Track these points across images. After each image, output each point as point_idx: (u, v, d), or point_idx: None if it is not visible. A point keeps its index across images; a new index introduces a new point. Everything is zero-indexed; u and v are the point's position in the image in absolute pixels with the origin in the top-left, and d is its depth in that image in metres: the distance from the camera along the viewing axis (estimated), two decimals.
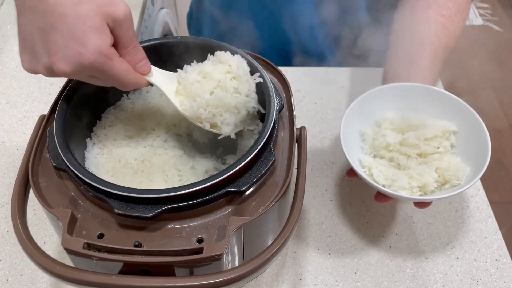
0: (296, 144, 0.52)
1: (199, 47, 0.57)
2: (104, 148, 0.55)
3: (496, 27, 2.54)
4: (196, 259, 0.41)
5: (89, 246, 0.41)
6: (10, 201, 0.67)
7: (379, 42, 0.79)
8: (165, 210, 0.42)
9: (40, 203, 0.45)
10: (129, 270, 0.41)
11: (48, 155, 0.48)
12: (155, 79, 0.51)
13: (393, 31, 0.75)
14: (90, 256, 0.41)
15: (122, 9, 0.45)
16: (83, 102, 0.53)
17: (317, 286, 0.60)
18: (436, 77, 0.69)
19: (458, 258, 0.63)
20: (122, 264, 0.41)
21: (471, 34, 2.48)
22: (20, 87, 0.85)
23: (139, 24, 1.02)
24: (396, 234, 0.65)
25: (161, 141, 0.57)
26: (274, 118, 0.49)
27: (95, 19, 0.42)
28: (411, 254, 0.63)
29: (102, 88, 0.55)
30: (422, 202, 0.60)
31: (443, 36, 0.71)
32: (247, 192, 0.46)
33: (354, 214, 0.67)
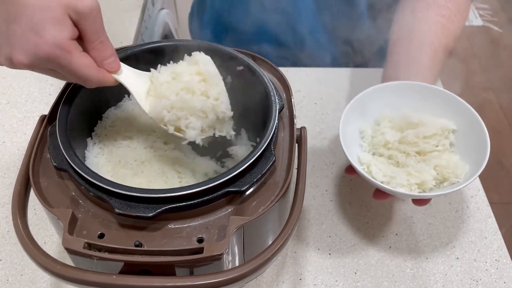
0: (296, 144, 0.52)
1: (193, 49, 0.57)
2: (104, 148, 0.55)
3: (496, 28, 2.54)
4: (196, 259, 0.41)
5: (89, 246, 0.41)
6: (10, 201, 0.67)
7: (380, 42, 0.79)
8: (165, 210, 0.43)
9: (41, 203, 0.45)
10: (129, 269, 0.42)
11: (48, 155, 0.48)
12: (124, 78, 0.49)
13: (393, 31, 0.75)
14: (90, 256, 0.41)
15: (87, 2, 0.43)
16: (85, 102, 0.53)
17: (317, 286, 0.60)
18: (436, 76, 0.70)
19: (458, 258, 0.63)
20: (122, 263, 0.41)
21: (471, 35, 2.48)
22: (20, 88, 0.85)
23: (139, 24, 1.03)
24: (396, 234, 0.65)
25: (161, 142, 0.58)
26: (275, 120, 0.49)
27: (56, 11, 0.41)
28: (411, 254, 0.63)
29: (103, 89, 0.55)
30: (420, 200, 0.60)
31: (443, 36, 0.71)
32: (247, 192, 0.46)
33: (354, 214, 0.67)
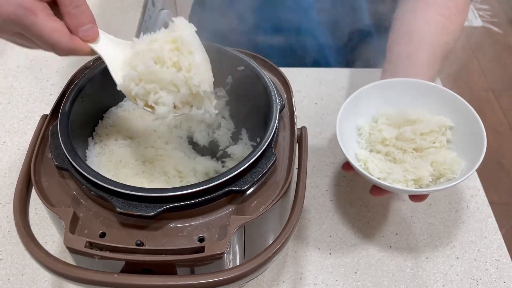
0: (297, 144, 0.52)
1: None
2: (105, 148, 0.55)
3: (495, 29, 2.54)
4: (197, 258, 0.41)
5: (91, 245, 0.41)
6: (11, 200, 0.67)
7: (380, 42, 0.79)
8: (166, 209, 0.43)
9: (42, 202, 0.45)
10: (131, 268, 0.42)
11: (50, 155, 0.48)
12: (100, 48, 0.45)
13: (392, 30, 0.76)
14: (92, 255, 0.41)
15: None
16: (86, 102, 0.53)
17: (317, 285, 0.60)
18: (434, 75, 0.70)
19: (458, 258, 0.63)
20: (124, 262, 0.42)
21: (471, 36, 2.49)
22: (21, 88, 0.86)
23: (139, 25, 1.03)
24: (396, 234, 0.65)
25: (162, 142, 0.58)
26: (276, 120, 0.49)
27: None
28: (411, 254, 0.63)
29: (105, 88, 0.55)
30: (417, 196, 0.60)
31: (442, 35, 0.71)
32: (248, 192, 0.47)
33: (355, 214, 0.67)
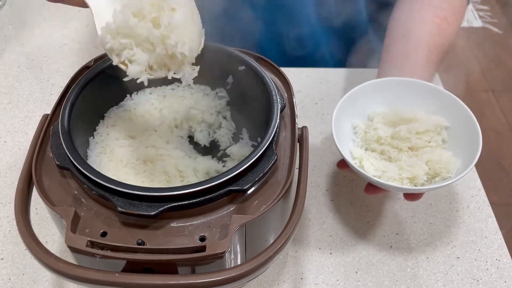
0: (298, 144, 0.53)
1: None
2: (106, 147, 0.55)
3: (495, 29, 2.54)
4: (198, 257, 0.41)
5: (92, 244, 0.41)
6: (12, 200, 0.67)
7: (380, 43, 0.79)
8: (168, 208, 0.43)
9: (44, 201, 0.45)
10: (132, 268, 0.42)
11: (51, 154, 0.48)
12: None
13: (389, 30, 0.76)
14: (93, 254, 0.41)
15: None
16: (87, 102, 0.53)
17: (318, 285, 0.60)
18: (430, 76, 0.70)
19: (458, 257, 0.63)
20: (125, 262, 0.42)
21: (471, 36, 2.49)
22: (22, 87, 0.86)
23: None
24: (397, 234, 0.65)
25: (163, 142, 0.58)
26: (277, 119, 0.50)
27: None
28: (412, 253, 0.63)
29: (105, 88, 0.56)
30: (412, 195, 0.60)
31: (438, 36, 0.72)
32: (249, 191, 0.47)
33: (355, 214, 0.67)
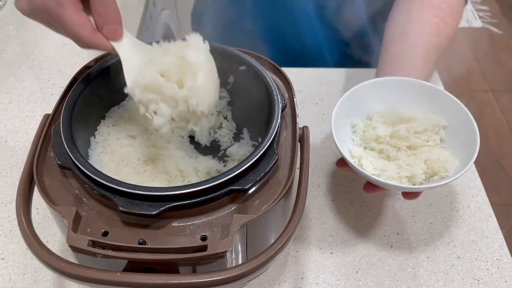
0: (299, 144, 0.53)
1: None
2: (107, 147, 0.55)
3: (495, 30, 2.54)
4: (200, 256, 0.41)
5: (93, 244, 0.41)
6: (13, 200, 0.67)
7: (380, 43, 0.79)
8: (169, 208, 0.43)
9: (45, 201, 0.45)
10: (133, 267, 0.42)
11: (52, 154, 0.48)
12: (120, 47, 0.47)
13: (387, 30, 0.76)
14: (94, 254, 0.41)
15: None
16: (88, 101, 0.53)
17: (319, 285, 0.60)
18: (428, 75, 0.70)
19: (459, 257, 0.63)
20: (126, 261, 0.42)
21: (471, 36, 2.49)
22: (22, 87, 0.86)
23: (140, 25, 1.03)
24: (398, 234, 0.65)
25: (164, 142, 0.58)
26: (278, 119, 0.50)
27: None
28: (412, 253, 0.63)
29: (106, 88, 0.56)
30: (410, 193, 0.60)
31: (436, 36, 0.72)
32: (250, 191, 0.47)
33: (356, 214, 0.67)
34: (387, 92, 0.65)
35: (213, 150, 0.60)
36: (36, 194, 0.47)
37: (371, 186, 0.60)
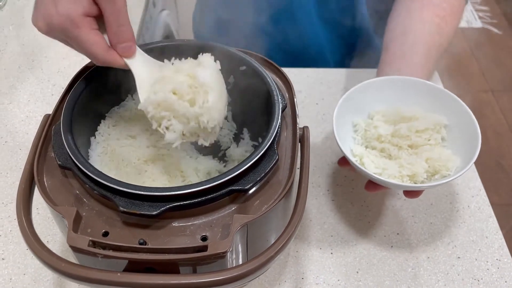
0: (299, 144, 0.53)
1: (196, 49, 0.57)
2: (107, 147, 0.55)
3: (495, 30, 2.55)
4: (200, 256, 0.41)
5: (94, 244, 0.41)
6: (13, 200, 0.67)
7: (381, 43, 0.79)
8: (169, 208, 0.43)
9: (45, 201, 0.45)
10: (134, 267, 0.42)
11: (53, 154, 0.48)
12: (133, 64, 0.49)
13: (388, 29, 0.76)
14: (95, 254, 0.41)
15: None
16: (88, 102, 0.53)
17: (319, 285, 0.60)
18: (429, 74, 0.70)
19: (459, 257, 0.63)
20: (127, 261, 0.42)
21: (471, 37, 2.49)
22: (22, 88, 0.86)
23: (140, 25, 1.03)
24: (398, 234, 0.65)
25: (164, 142, 0.58)
26: (278, 119, 0.50)
27: None
28: (412, 253, 0.63)
29: (107, 88, 0.56)
30: (412, 192, 0.60)
31: (437, 35, 0.72)
32: (250, 191, 0.47)
33: (356, 214, 0.67)
34: (388, 91, 0.65)
35: (213, 150, 0.60)
36: (37, 194, 0.47)
37: (373, 184, 0.60)
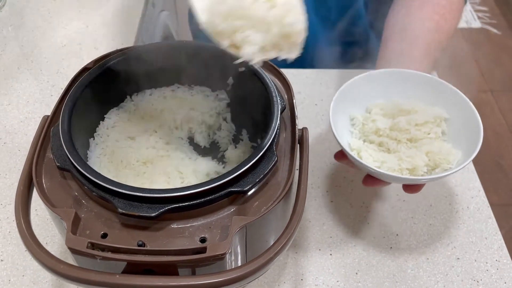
0: (298, 145, 0.53)
1: (195, 50, 0.57)
2: (106, 149, 0.55)
3: (494, 30, 2.55)
4: (199, 258, 0.41)
5: (92, 246, 0.41)
6: (12, 202, 0.67)
7: (379, 44, 0.79)
8: (168, 209, 0.43)
9: (44, 202, 0.45)
10: (132, 269, 0.42)
11: (51, 155, 0.48)
12: None
13: (386, 26, 0.76)
14: (94, 256, 0.41)
15: None
16: (87, 103, 0.53)
17: (318, 286, 0.60)
18: (428, 70, 0.69)
19: (458, 258, 0.63)
20: (125, 263, 0.42)
21: (470, 37, 2.49)
22: (21, 89, 0.86)
23: (139, 26, 1.03)
24: (397, 235, 0.65)
25: (163, 143, 0.58)
26: (277, 121, 0.50)
27: None
28: (412, 254, 0.63)
29: (106, 89, 0.56)
30: (412, 186, 0.58)
31: (436, 33, 0.71)
32: (249, 192, 0.47)
33: (355, 215, 0.67)
34: (386, 84, 0.64)
35: (212, 151, 0.60)
36: (35, 195, 0.47)
37: (371, 179, 0.58)
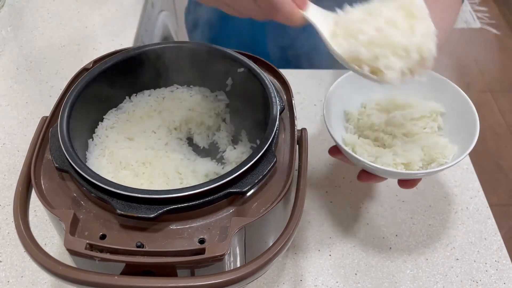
0: (297, 146, 0.52)
1: (195, 50, 0.57)
2: (105, 150, 0.55)
3: (493, 30, 2.55)
4: (198, 259, 0.41)
5: (91, 247, 0.41)
6: (11, 202, 0.67)
7: None
8: (167, 210, 0.43)
9: (43, 204, 0.45)
10: (131, 270, 0.42)
11: (50, 156, 0.48)
12: (312, 15, 0.45)
13: None
14: (92, 257, 0.41)
15: None
16: (86, 104, 0.53)
17: (317, 287, 0.60)
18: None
19: (458, 259, 0.63)
20: (124, 264, 0.41)
21: (469, 37, 2.49)
22: (20, 89, 0.86)
23: (139, 26, 1.03)
24: (396, 236, 0.65)
25: (162, 144, 0.58)
26: (277, 121, 0.50)
27: None
28: (411, 255, 0.63)
29: (105, 90, 0.56)
30: (407, 182, 0.58)
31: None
32: (248, 193, 0.46)
33: (354, 216, 0.67)
34: None
35: (211, 152, 0.60)
36: (34, 196, 0.47)
37: (366, 174, 0.57)
